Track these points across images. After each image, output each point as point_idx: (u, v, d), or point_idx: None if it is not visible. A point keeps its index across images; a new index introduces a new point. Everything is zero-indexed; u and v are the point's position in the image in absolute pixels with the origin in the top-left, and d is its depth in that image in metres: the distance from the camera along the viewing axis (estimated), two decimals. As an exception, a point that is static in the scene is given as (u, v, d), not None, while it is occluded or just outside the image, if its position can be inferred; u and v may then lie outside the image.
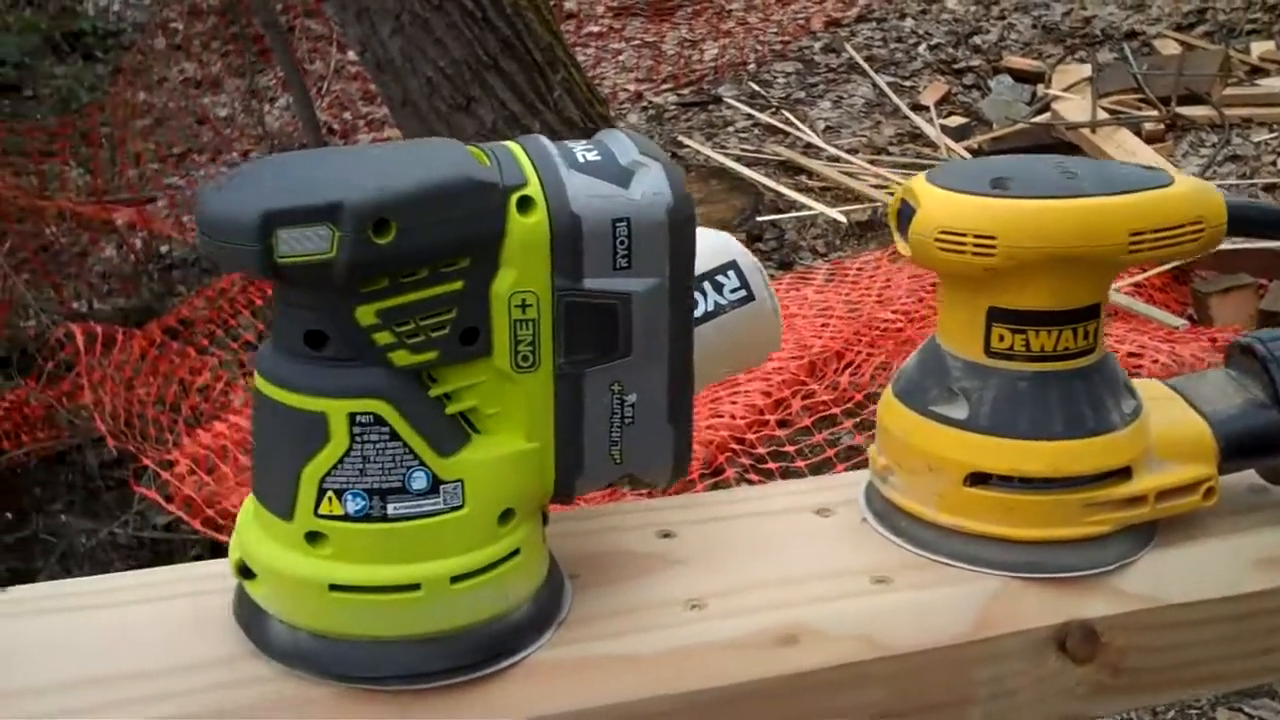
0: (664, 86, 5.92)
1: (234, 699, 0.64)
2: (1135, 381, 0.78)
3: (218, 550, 3.18)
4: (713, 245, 0.79)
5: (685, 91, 5.87)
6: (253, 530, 0.67)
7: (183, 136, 5.89)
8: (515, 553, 0.67)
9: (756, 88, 5.80)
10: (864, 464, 0.83)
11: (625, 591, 0.73)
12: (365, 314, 0.61)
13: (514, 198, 0.63)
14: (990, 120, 5.40)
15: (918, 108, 5.56)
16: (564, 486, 0.69)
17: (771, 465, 2.93)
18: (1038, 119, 5.25)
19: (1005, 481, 0.74)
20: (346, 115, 5.93)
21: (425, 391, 0.64)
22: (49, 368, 3.96)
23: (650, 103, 5.79)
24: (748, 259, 0.80)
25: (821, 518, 0.81)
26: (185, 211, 5.41)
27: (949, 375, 0.75)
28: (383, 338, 0.62)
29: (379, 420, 0.62)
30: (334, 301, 0.61)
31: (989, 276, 0.72)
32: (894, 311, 3.65)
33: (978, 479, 0.74)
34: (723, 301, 0.78)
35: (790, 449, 2.97)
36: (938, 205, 0.72)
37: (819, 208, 4.66)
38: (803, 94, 5.78)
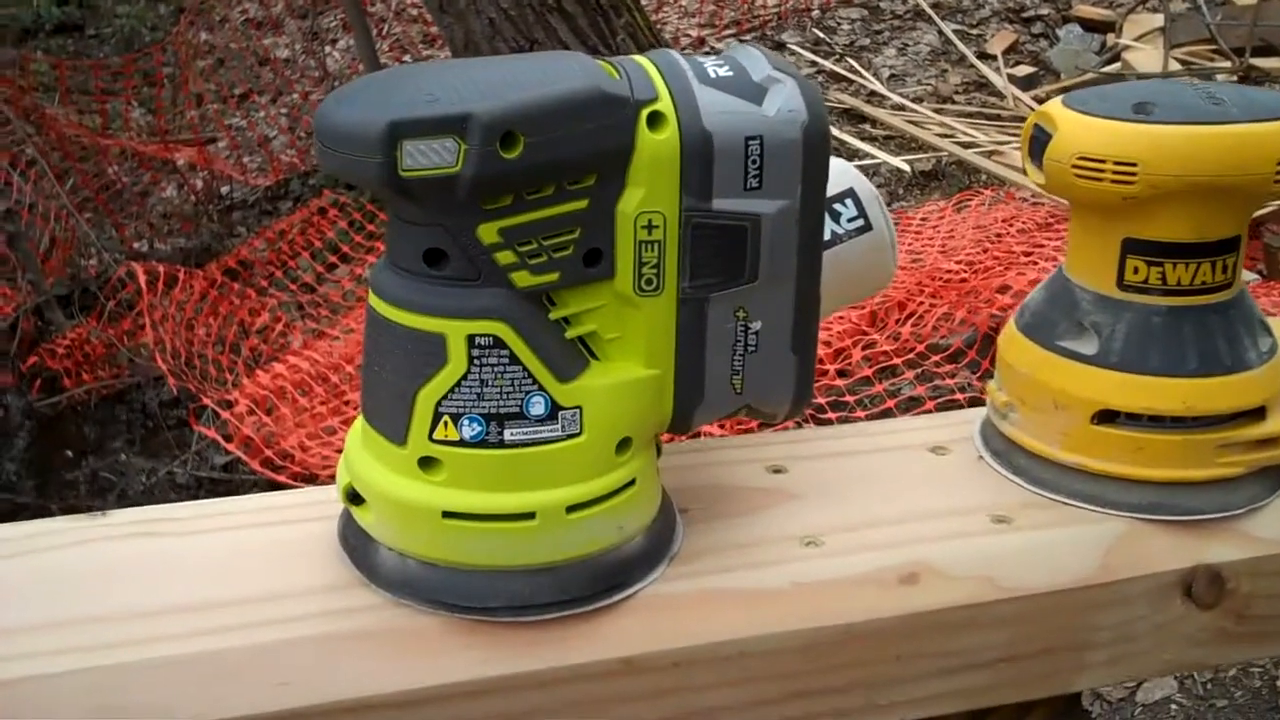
0: (726, 32, 5.86)
1: (340, 627, 0.63)
2: (1271, 320, 0.75)
3: (275, 491, 3.19)
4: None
5: (748, 37, 5.80)
6: (362, 455, 0.65)
7: (244, 77, 5.88)
8: (631, 483, 0.65)
9: (820, 34, 5.73)
10: (912, 414, 0.80)
11: (738, 526, 0.71)
12: (488, 232, 0.59)
13: (644, 112, 0.60)
14: (1058, 70, 5.32)
15: (984, 56, 5.48)
16: (682, 416, 0.67)
17: (831, 415, 2.91)
18: (1107, 69, 5.16)
19: (1134, 420, 0.71)
20: (407, 58, 5.90)
21: (545, 314, 0.62)
22: (110, 306, 3.98)
23: (712, 48, 5.73)
24: (866, 187, 0.77)
25: (936, 455, 0.78)
26: (246, 152, 5.42)
27: (1078, 309, 0.72)
28: (504, 257, 0.60)
29: (499, 342, 0.60)
30: (456, 218, 0.59)
31: (1127, 206, 0.69)
32: (957, 262, 3.60)
33: (1105, 417, 0.71)
34: (839, 230, 0.76)
35: (850, 399, 2.94)
36: (1076, 130, 0.69)
37: (883, 156, 4.60)
38: (867, 41, 5.70)
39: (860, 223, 0.76)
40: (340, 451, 2.44)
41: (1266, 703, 2.52)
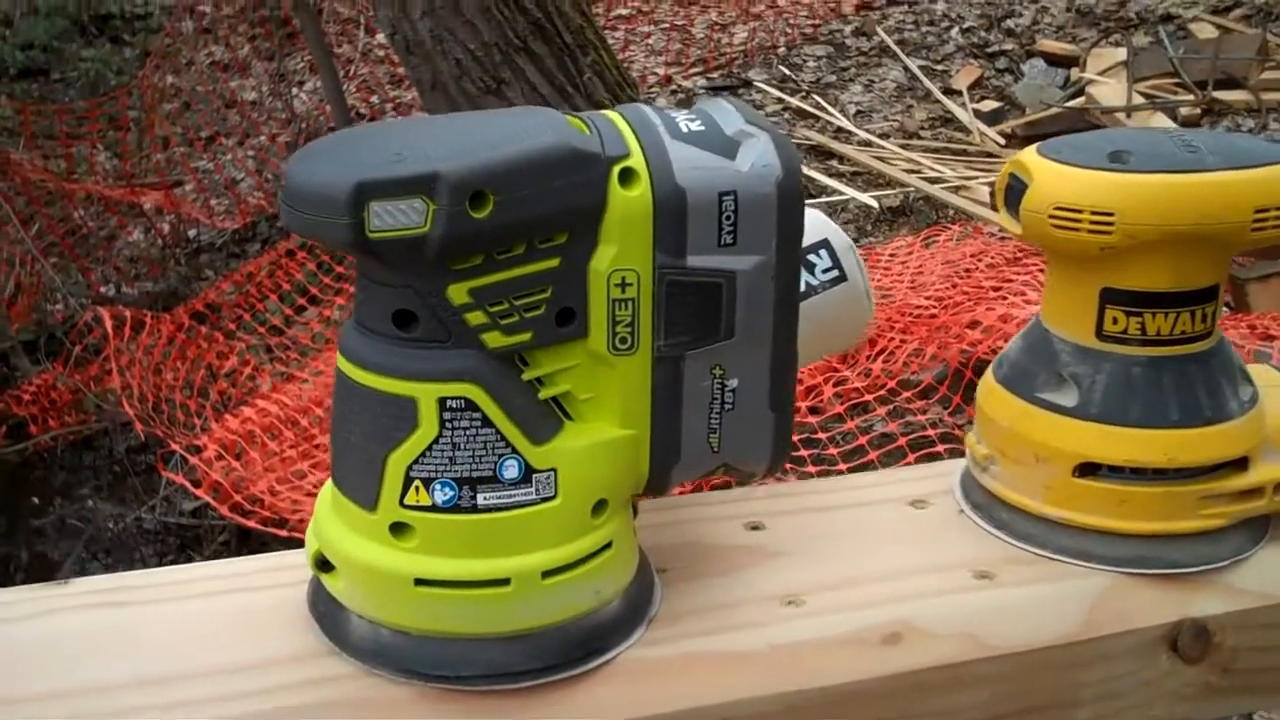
0: (693, 70, 5.88)
1: (310, 699, 0.61)
2: (1250, 367, 0.74)
3: (245, 537, 3.16)
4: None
5: (715, 75, 5.82)
6: (331, 521, 0.64)
7: (211, 120, 5.86)
8: (608, 546, 0.63)
9: (787, 71, 5.75)
10: (897, 453, 0.80)
11: (717, 586, 0.69)
12: (458, 292, 0.58)
13: (616, 169, 0.59)
14: (1024, 105, 5.34)
15: (950, 92, 5.50)
16: (659, 476, 0.65)
17: (804, 452, 2.90)
18: (1072, 103, 5.19)
19: (1117, 472, 0.70)
20: (374, 99, 5.89)
21: (518, 375, 0.60)
22: (77, 352, 3.95)
23: (679, 86, 5.74)
24: (840, 237, 0.76)
25: (917, 509, 0.77)
26: (213, 195, 5.39)
27: (1057, 360, 0.71)
28: (475, 318, 0.58)
29: (470, 405, 0.59)
30: (425, 279, 0.58)
31: (1105, 255, 0.68)
32: (927, 298, 3.60)
33: (1088, 469, 0.70)
34: (814, 282, 0.75)
35: (822, 435, 2.93)
36: (1053, 179, 0.68)
37: (850, 192, 4.61)
38: (833, 77, 5.72)
39: (835, 274, 0.76)
40: (310, 494, 2.42)
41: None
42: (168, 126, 5.71)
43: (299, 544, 0.68)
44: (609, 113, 0.62)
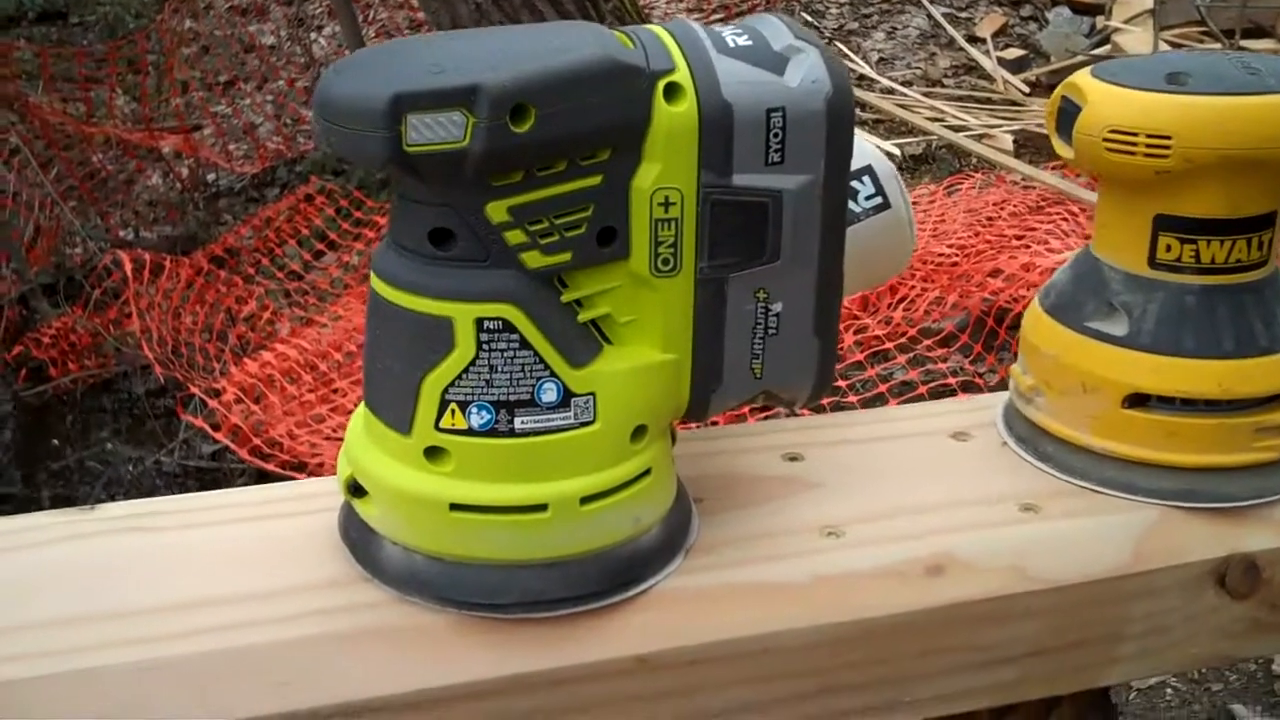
0: (715, 16, 5.82)
1: (343, 625, 0.60)
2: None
3: (264, 479, 3.16)
4: (849, 147, 0.73)
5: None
6: (364, 445, 0.62)
7: (229, 64, 5.82)
8: (646, 473, 0.62)
9: (808, 18, 5.70)
10: (917, 400, 0.78)
11: (755, 517, 0.68)
12: (497, 210, 0.56)
13: (661, 84, 0.57)
14: (1048, 53, 5.29)
15: (974, 39, 5.45)
16: (699, 402, 0.64)
17: (823, 400, 2.88)
18: (1098, 52, 5.14)
19: (1167, 403, 0.69)
20: (393, 43, 5.85)
21: (557, 297, 0.59)
22: (96, 295, 3.95)
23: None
24: (884, 164, 0.74)
25: (958, 441, 0.76)
26: (232, 140, 5.37)
27: (1108, 289, 0.69)
28: (514, 237, 0.57)
29: (508, 326, 0.57)
30: (464, 196, 0.56)
31: (1160, 181, 0.66)
32: (949, 246, 3.58)
33: (1137, 400, 0.69)
34: (857, 209, 0.73)
35: (842, 384, 2.92)
36: (1108, 101, 0.66)
37: (873, 140, 4.57)
38: (855, 25, 5.67)
39: (879, 200, 0.73)
40: (329, 439, 2.41)
41: (1261, 686, 2.51)
42: (186, 71, 5.67)
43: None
44: (654, 27, 0.60)
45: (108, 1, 6.38)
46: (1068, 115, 0.68)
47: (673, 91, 0.58)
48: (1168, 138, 0.64)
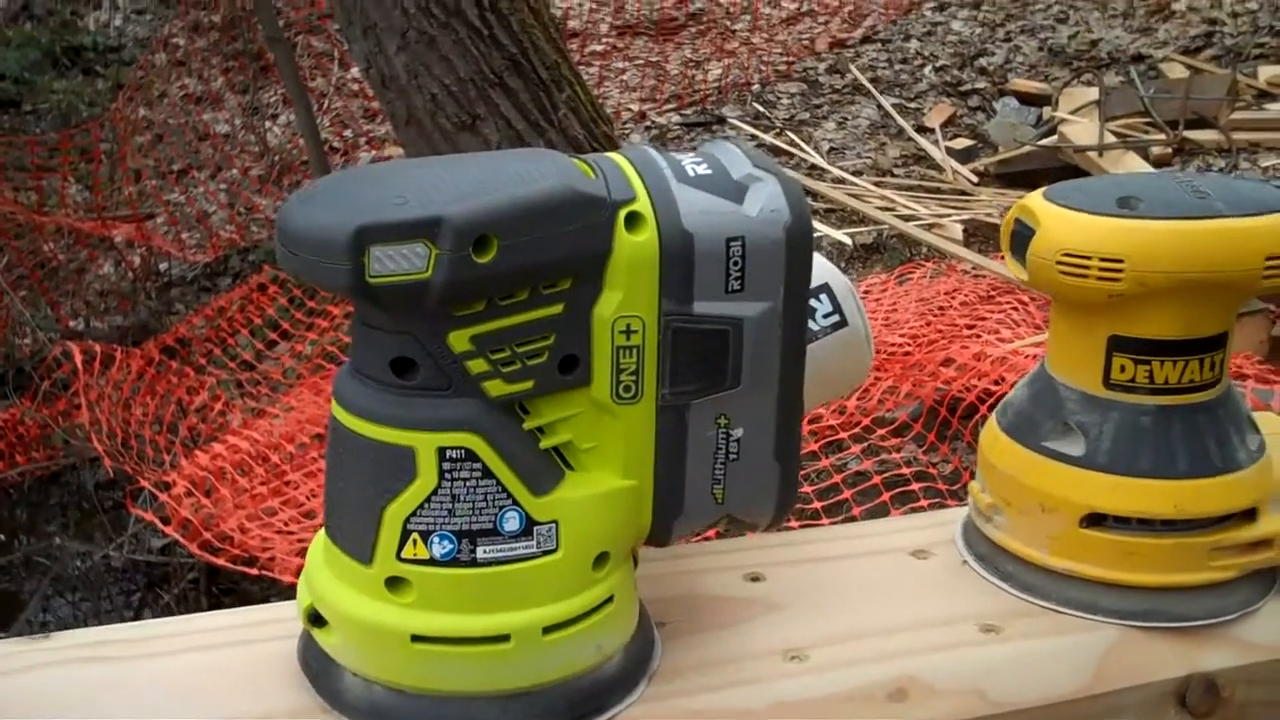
0: (667, 106, 5.88)
1: (302, 757, 0.59)
2: (1257, 415, 0.73)
3: (214, 574, 3.12)
4: (806, 268, 0.74)
5: (689, 111, 5.82)
6: (324, 574, 0.62)
7: (183, 152, 5.82)
8: (609, 600, 0.62)
9: (760, 108, 5.76)
10: (871, 491, 0.78)
11: (718, 640, 0.68)
12: (459, 339, 0.56)
13: (622, 214, 0.58)
14: (996, 143, 5.37)
15: (923, 129, 5.52)
16: (661, 528, 0.64)
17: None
18: (1044, 142, 5.22)
19: (1124, 523, 0.69)
20: (348, 133, 5.87)
21: (519, 424, 0.59)
22: (45, 386, 3.90)
23: (654, 122, 5.74)
24: (840, 280, 0.75)
25: (919, 559, 0.76)
26: (185, 228, 5.35)
27: (1063, 408, 0.70)
28: (477, 365, 0.57)
29: (471, 455, 0.57)
30: (426, 326, 0.56)
31: (1113, 303, 0.67)
32: (901, 335, 3.61)
33: (1095, 520, 0.69)
34: (814, 327, 0.73)
35: (798, 474, 2.91)
36: (1060, 225, 0.67)
37: (824, 230, 4.61)
38: (807, 115, 5.74)
39: (836, 319, 0.74)
40: (280, 532, 2.38)
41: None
42: (140, 159, 5.67)
43: (269, 582, 0.66)
44: (614, 155, 0.60)
45: (61, 90, 6.38)
46: (1021, 238, 0.69)
47: (634, 221, 0.58)
48: (1120, 261, 0.65)
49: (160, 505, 2.79)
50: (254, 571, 2.46)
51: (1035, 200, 0.69)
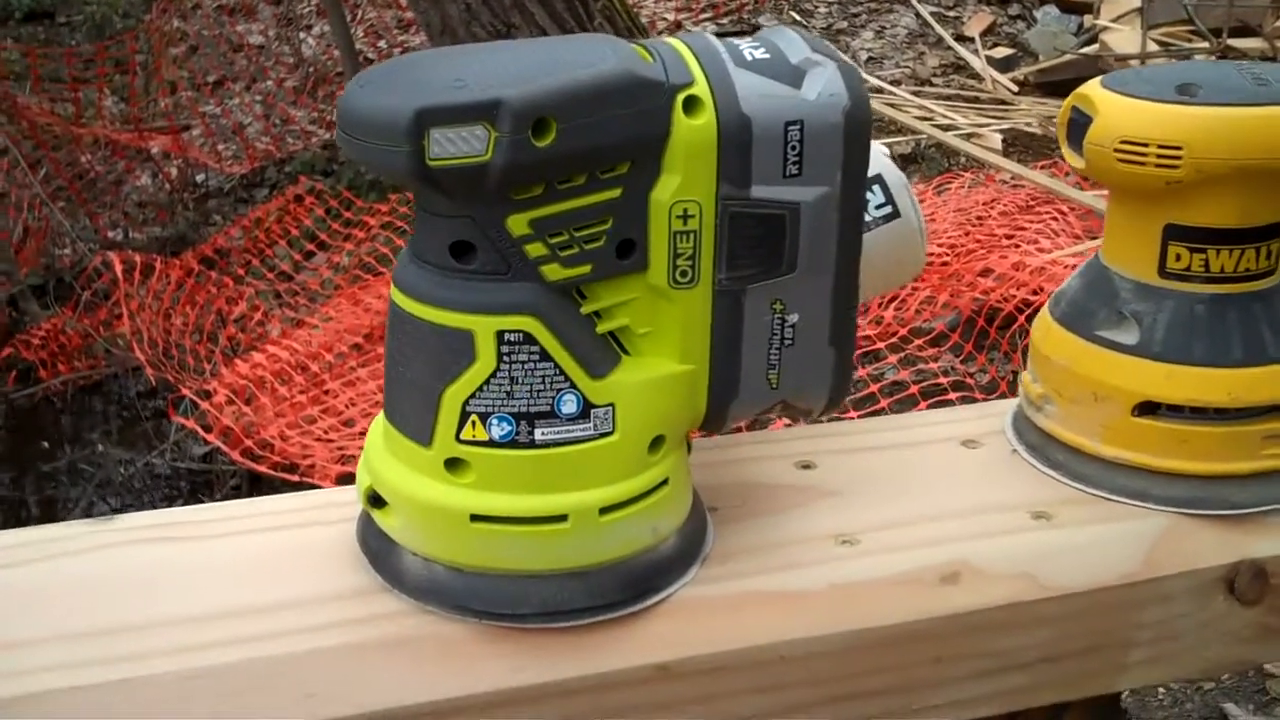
0: (703, 15, 5.83)
1: (365, 635, 0.60)
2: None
3: (255, 481, 3.16)
4: (861, 156, 0.74)
5: (724, 21, 5.77)
6: (384, 456, 0.63)
7: (218, 64, 5.81)
8: (664, 483, 0.62)
9: (797, 17, 5.70)
10: (908, 401, 0.78)
11: (769, 526, 0.69)
12: (517, 223, 0.57)
13: (680, 97, 0.58)
14: (1036, 52, 5.30)
15: (962, 38, 5.46)
16: (716, 412, 0.64)
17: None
18: (1085, 50, 5.15)
19: (1177, 412, 0.69)
20: (382, 43, 5.85)
21: (576, 309, 0.59)
22: (86, 296, 3.94)
23: (688, 31, 5.70)
24: (894, 173, 0.75)
25: (969, 449, 0.76)
26: (221, 140, 5.36)
27: (1118, 298, 0.70)
28: (535, 249, 0.57)
29: (528, 338, 0.58)
30: (485, 209, 0.56)
31: (1170, 191, 0.66)
32: (939, 245, 3.59)
33: (1147, 409, 0.69)
34: (867, 218, 0.73)
35: (834, 384, 2.91)
36: (1118, 113, 0.67)
37: (878, 145, 4.57)
38: (844, 24, 5.68)
39: (889, 210, 0.74)
40: (320, 440, 2.40)
41: (1253, 685, 2.52)
42: (175, 71, 5.67)
43: (310, 488, 0.67)
44: (672, 40, 0.60)
45: (95, 1, 6.37)
46: (1078, 126, 0.68)
47: (692, 105, 0.58)
48: (1179, 148, 0.65)
49: (201, 413, 2.83)
50: (295, 478, 2.50)
51: (1093, 88, 0.69)
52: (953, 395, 2.70)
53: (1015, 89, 5.04)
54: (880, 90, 5.02)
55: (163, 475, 3.80)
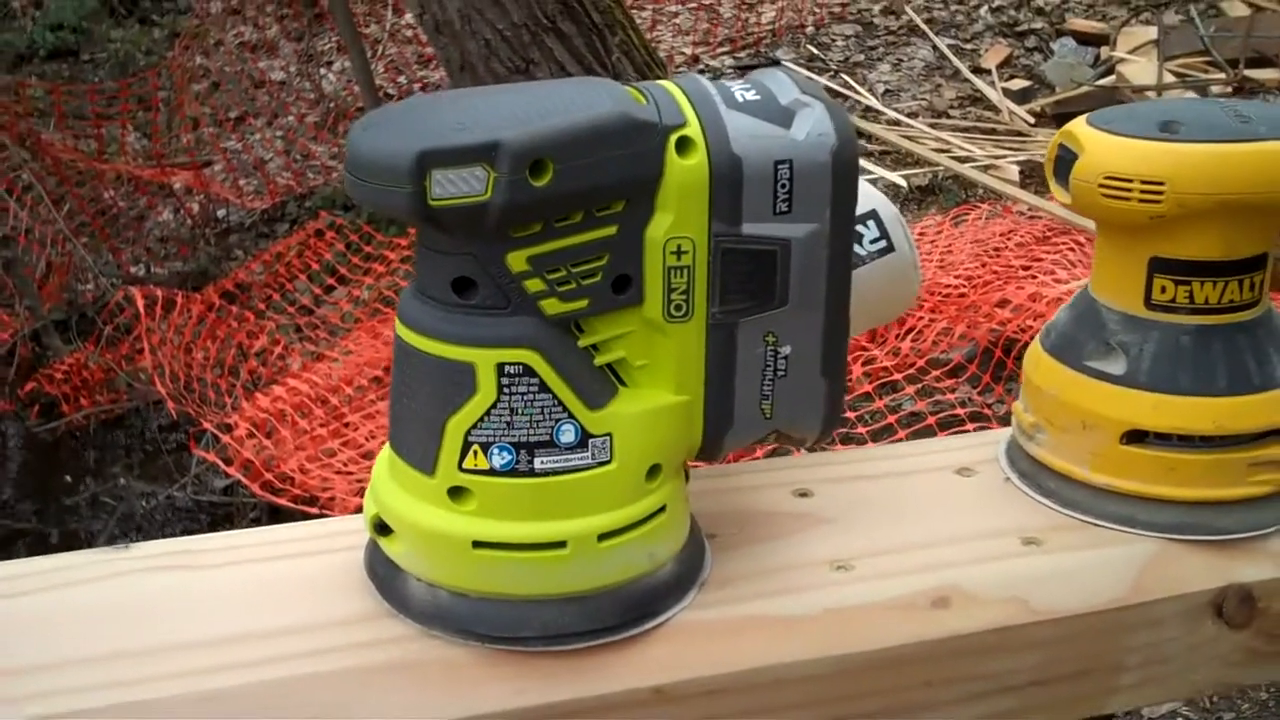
0: (720, 50, 5.87)
1: (371, 659, 0.62)
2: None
3: (275, 514, 3.18)
4: (854, 193, 0.76)
5: (742, 55, 5.81)
6: (389, 486, 0.65)
7: (239, 100, 5.87)
8: (661, 510, 0.64)
9: (815, 50, 5.74)
10: (926, 432, 0.80)
11: (766, 552, 0.70)
12: (517, 260, 0.59)
13: (673, 138, 0.60)
14: (1053, 84, 5.32)
15: (979, 71, 5.49)
16: (712, 442, 0.66)
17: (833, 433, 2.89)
18: (1102, 82, 5.17)
19: (1164, 440, 0.71)
20: (402, 79, 5.90)
21: (574, 342, 0.61)
22: (108, 331, 3.97)
23: (707, 66, 5.73)
24: (888, 208, 0.77)
25: (963, 477, 0.78)
26: (242, 175, 5.41)
27: (1105, 329, 0.72)
28: (534, 285, 0.59)
29: (528, 371, 0.60)
30: (485, 247, 0.59)
31: (1154, 225, 0.68)
32: (956, 277, 3.61)
33: (1135, 437, 0.71)
34: (862, 252, 0.75)
35: (850, 415, 2.94)
36: (1103, 149, 0.69)
37: (879, 171, 4.60)
38: (862, 57, 5.71)
39: (883, 244, 0.76)
40: (340, 473, 2.42)
41: (1273, 714, 2.52)
42: (197, 107, 5.72)
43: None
44: (665, 82, 0.63)
45: (118, 39, 6.44)
46: (1065, 162, 0.70)
47: (684, 145, 0.60)
48: (1161, 184, 0.67)
49: (222, 447, 2.85)
50: (314, 511, 2.52)
51: (1079, 126, 0.71)
52: (970, 426, 2.70)
53: (1032, 121, 5.06)
54: (898, 123, 5.04)
55: (184, 508, 3.82)
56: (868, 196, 0.76)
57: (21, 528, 3.76)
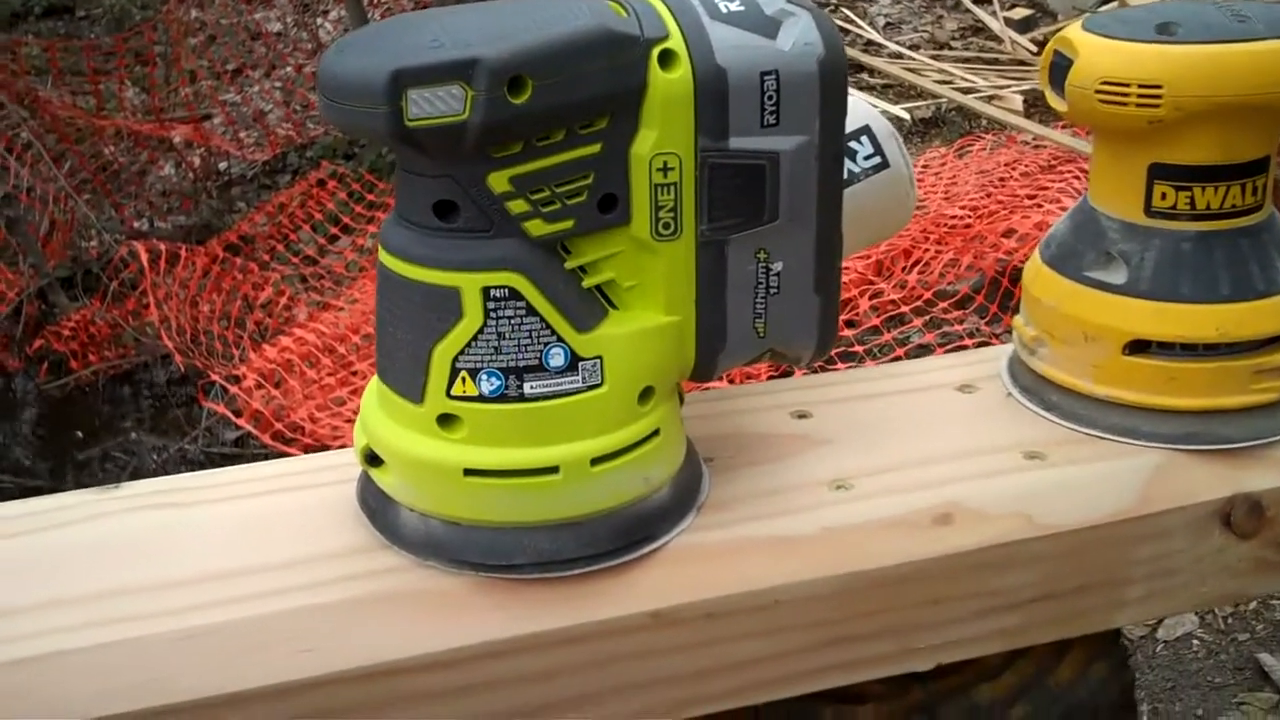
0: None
1: (364, 590, 0.62)
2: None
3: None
4: (844, 109, 0.74)
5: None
6: (378, 416, 0.64)
7: (237, 52, 5.83)
8: (655, 433, 0.63)
9: (814, -15, 5.68)
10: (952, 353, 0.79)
11: (765, 473, 0.69)
12: (498, 181, 0.57)
13: (655, 51, 0.58)
14: (1055, 12, 5.27)
15: (980, 1, 5.43)
16: (705, 362, 0.65)
17: (840, 366, 2.88)
18: (1105, 9, 5.12)
19: (1167, 349, 0.70)
20: (399, 25, 5.84)
21: (561, 264, 0.60)
22: (113, 286, 3.97)
23: None
24: (882, 124, 0.75)
25: (964, 394, 0.77)
26: (242, 127, 5.38)
27: (1105, 238, 0.70)
28: (517, 206, 0.58)
29: (514, 294, 0.59)
30: (465, 168, 0.57)
31: (1152, 130, 0.67)
32: (961, 208, 3.58)
33: (1137, 347, 0.70)
34: (856, 169, 0.74)
35: (859, 349, 2.93)
36: (1099, 54, 0.67)
37: (882, 105, 4.56)
38: (862, -10, 5.65)
39: (877, 160, 0.74)
40: (350, 421, 2.43)
41: (1288, 635, 2.52)
42: (194, 60, 5.68)
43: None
44: (646, -6, 0.61)
45: (113, -6, 6.40)
46: (1059, 69, 0.69)
47: (667, 58, 0.59)
48: (1159, 87, 0.65)
49: (231, 398, 2.85)
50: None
51: (1073, 31, 0.69)
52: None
53: (1034, 50, 5.01)
54: (900, 56, 5.00)
55: (196, 461, 3.83)
56: (861, 112, 0.75)
57: (36, 485, 3.77)
